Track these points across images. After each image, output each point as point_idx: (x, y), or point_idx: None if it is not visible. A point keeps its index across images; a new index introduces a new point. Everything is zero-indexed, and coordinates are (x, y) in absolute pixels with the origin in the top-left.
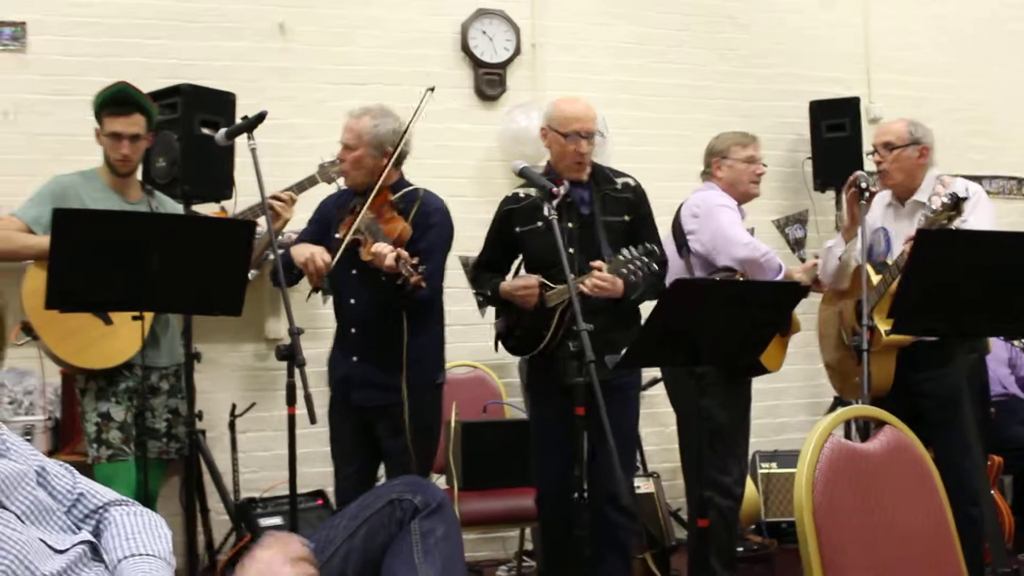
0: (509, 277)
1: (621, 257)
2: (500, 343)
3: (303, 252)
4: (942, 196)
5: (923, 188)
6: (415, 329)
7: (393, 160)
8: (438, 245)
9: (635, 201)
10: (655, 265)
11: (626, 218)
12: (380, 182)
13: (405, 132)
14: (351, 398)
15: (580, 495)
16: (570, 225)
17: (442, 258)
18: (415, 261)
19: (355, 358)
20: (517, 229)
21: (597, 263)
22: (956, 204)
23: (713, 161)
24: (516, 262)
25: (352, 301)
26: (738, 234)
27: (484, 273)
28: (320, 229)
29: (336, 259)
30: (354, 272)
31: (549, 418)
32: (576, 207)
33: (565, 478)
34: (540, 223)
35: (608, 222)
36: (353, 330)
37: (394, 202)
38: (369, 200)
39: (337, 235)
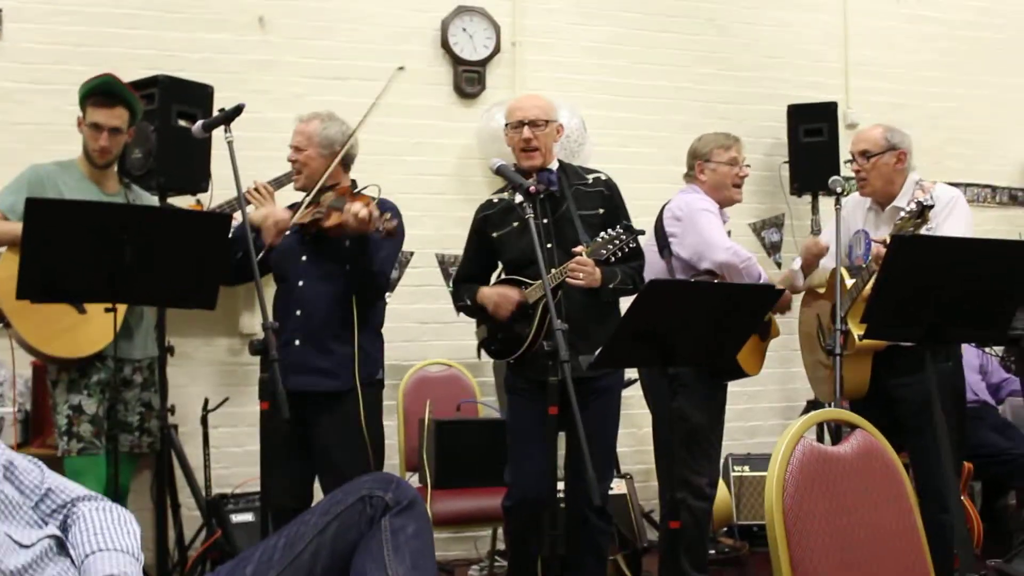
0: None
1: (599, 240)
2: (483, 350)
3: (260, 210)
4: (911, 203)
5: (903, 193)
6: (361, 322)
7: (339, 159)
8: (390, 241)
9: (608, 195)
10: (633, 242)
11: (600, 211)
12: (331, 168)
13: (363, 120)
14: (287, 382)
15: (557, 497)
16: (545, 221)
17: (395, 251)
18: (387, 215)
19: (297, 341)
20: (494, 234)
21: (578, 248)
22: (922, 212)
23: (696, 164)
24: (495, 273)
25: (300, 284)
26: (719, 239)
27: (463, 285)
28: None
29: (291, 225)
30: (304, 258)
31: (527, 419)
32: (549, 202)
33: (542, 480)
34: (515, 223)
35: (583, 216)
36: (299, 312)
37: (356, 193)
38: (320, 184)
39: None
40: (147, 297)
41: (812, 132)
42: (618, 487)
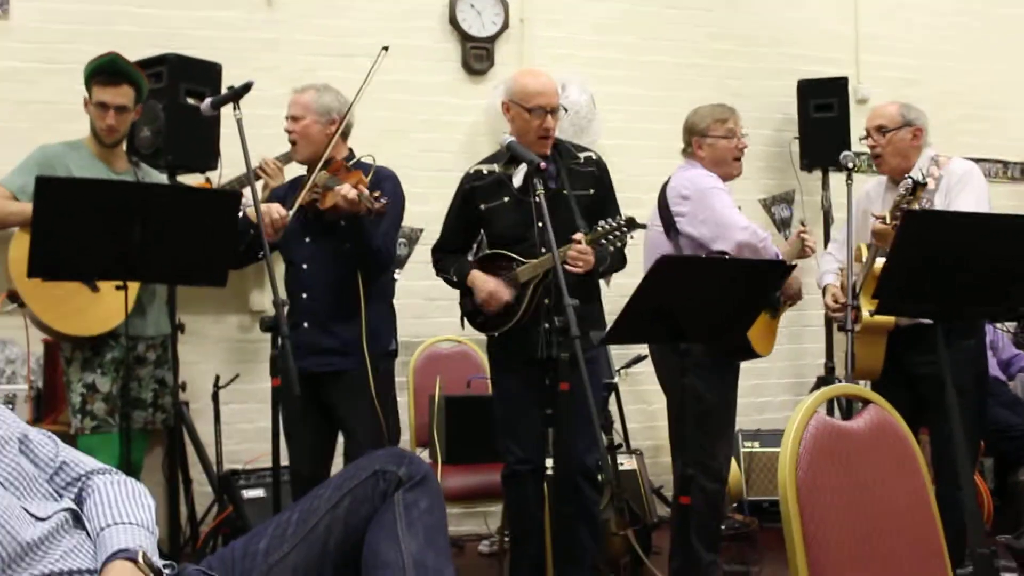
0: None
1: (599, 228)
2: (468, 321)
3: (255, 212)
4: (933, 177)
5: (917, 167)
6: (369, 298)
7: (340, 129)
8: (391, 211)
9: (599, 175)
10: (633, 234)
11: (591, 191)
12: (330, 147)
13: (357, 96)
14: (303, 364)
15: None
16: (536, 199)
17: (395, 223)
18: (377, 194)
19: (305, 324)
20: (482, 206)
21: (577, 235)
22: (915, 189)
23: (694, 140)
24: (478, 239)
25: (305, 267)
26: (736, 218)
27: (448, 256)
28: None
29: (291, 214)
30: (308, 240)
31: (515, 396)
32: (544, 181)
33: (536, 451)
34: (506, 198)
35: (575, 195)
36: (304, 295)
37: (348, 168)
38: (320, 166)
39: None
40: (158, 275)
41: (822, 107)
42: (628, 463)
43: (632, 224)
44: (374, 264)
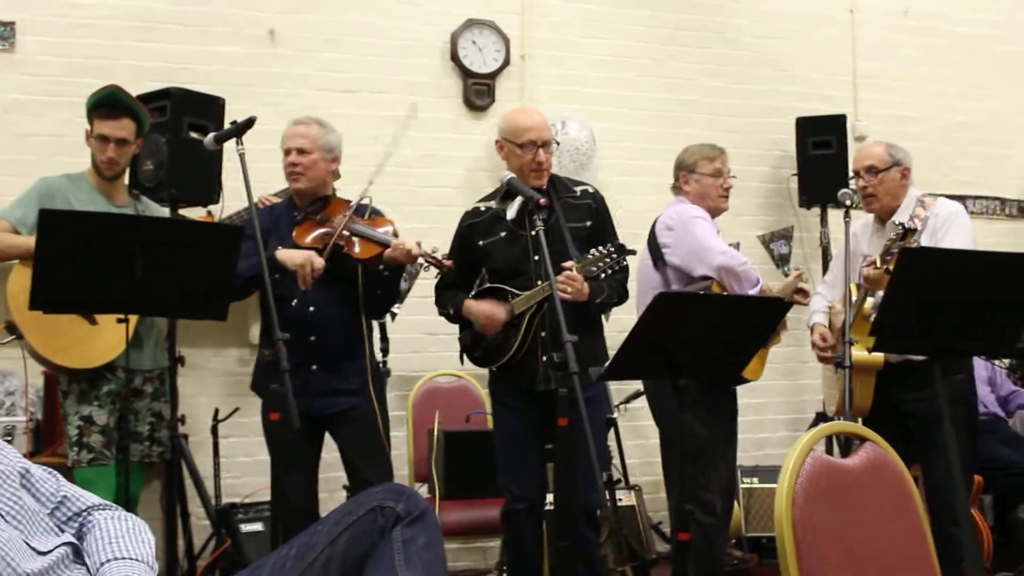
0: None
1: (590, 256)
2: (466, 356)
3: (296, 256)
4: (919, 218)
5: (903, 208)
6: (369, 334)
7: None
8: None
9: (595, 207)
10: (624, 260)
11: (587, 223)
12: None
13: (388, 156)
14: (312, 407)
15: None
16: (533, 233)
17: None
18: (435, 247)
19: (314, 367)
20: (480, 243)
21: (568, 263)
22: (905, 236)
23: (681, 175)
24: (480, 277)
25: (311, 309)
26: (715, 243)
27: (447, 291)
28: (253, 245)
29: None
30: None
31: (515, 430)
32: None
33: (535, 490)
34: (503, 233)
35: (571, 228)
36: (312, 338)
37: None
38: (348, 214)
39: (300, 244)
40: (158, 308)
41: (821, 144)
42: (627, 498)
43: (622, 251)
44: (390, 306)
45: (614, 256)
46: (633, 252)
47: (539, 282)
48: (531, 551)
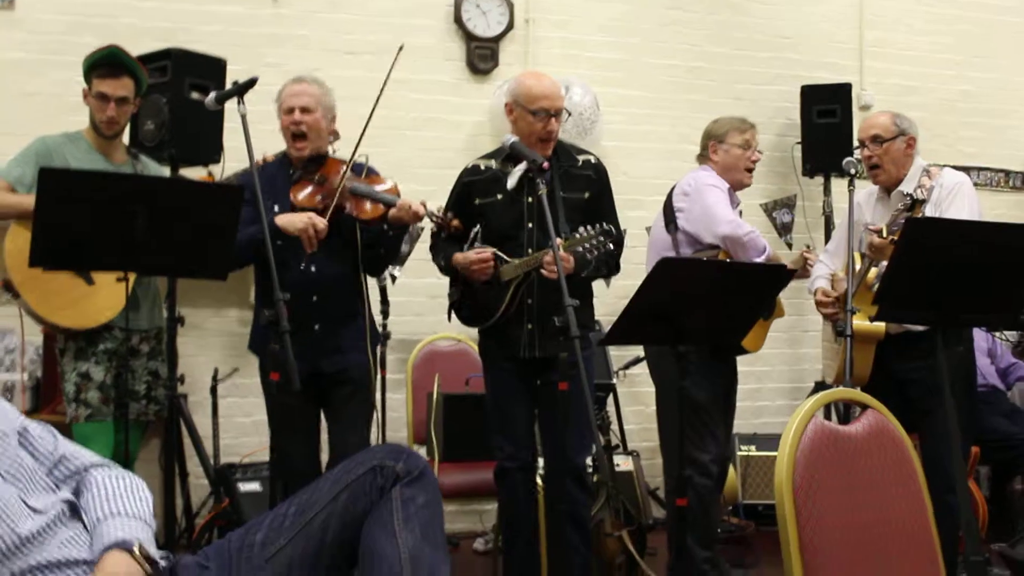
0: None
1: (578, 235)
2: (454, 313)
3: (295, 221)
4: (925, 188)
5: (909, 178)
6: (367, 292)
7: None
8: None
9: (595, 178)
10: (611, 245)
11: (585, 195)
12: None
13: (379, 96)
14: (320, 366)
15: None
16: (529, 200)
17: None
18: (439, 206)
19: (317, 326)
20: (477, 201)
21: (558, 241)
22: (912, 206)
23: (710, 144)
24: (474, 231)
25: (313, 269)
26: (722, 212)
27: (442, 243)
28: (252, 211)
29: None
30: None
31: (506, 391)
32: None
33: (525, 449)
34: (500, 195)
35: (567, 198)
36: (315, 298)
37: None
38: (345, 170)
39: (297, 204)
40: (159, 267)
41: (825, 113)
42: (624, 464)
43: (607, 234)
44: (387, 266)
45: (600, 239)
46: (619, 237)
47: (529, 250)
48: (524, 509)
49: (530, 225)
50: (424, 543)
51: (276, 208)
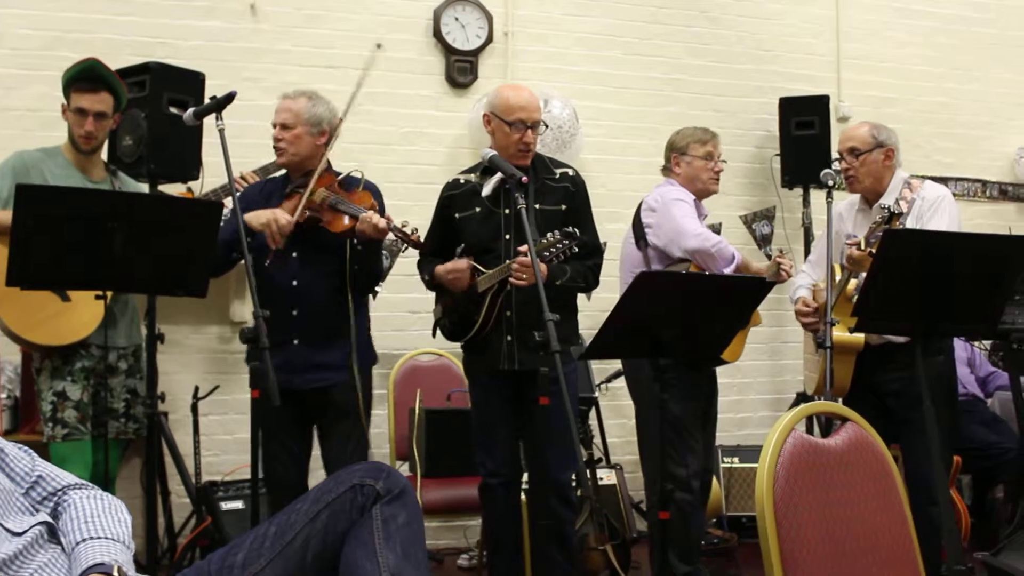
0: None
1: (544, 240)
2: (438, 329)
3: (260, 216)
4: (906, 200)
5: (890, 190)
6: (356, 310)
7: (331, 142)
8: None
9: (572, 191)
10: (575, 248)
11: (562, 207)
12: (322, 161)
13: (352, 98)
14: (292, 383)
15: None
16: (507, 212)
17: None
18: (405, 222)
19: (296, 341)
20: (456, 215)
21: (523, 247)
22: (890, 219)
23: (672, 157)
24: (460, 248)
25: (295, 283)
26: (689, 226)
27: (427, 259)
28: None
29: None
30: (294, 254)
31: (487, 407)
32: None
33: (509, 465)
34: (478, 208)
35: (543, 210)
36: (295, 312)
37: (342, 182)
38: (315, 179)
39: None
40: (137, 284)
41: (804, 125)
42: (607, 477)
43: (570, 236)
44: (373, 283)
45: (564, 242)
46: (597, 247)
47: (507, 261)
48: (508, 526)
49: (507, 237)
50: (406, 562)
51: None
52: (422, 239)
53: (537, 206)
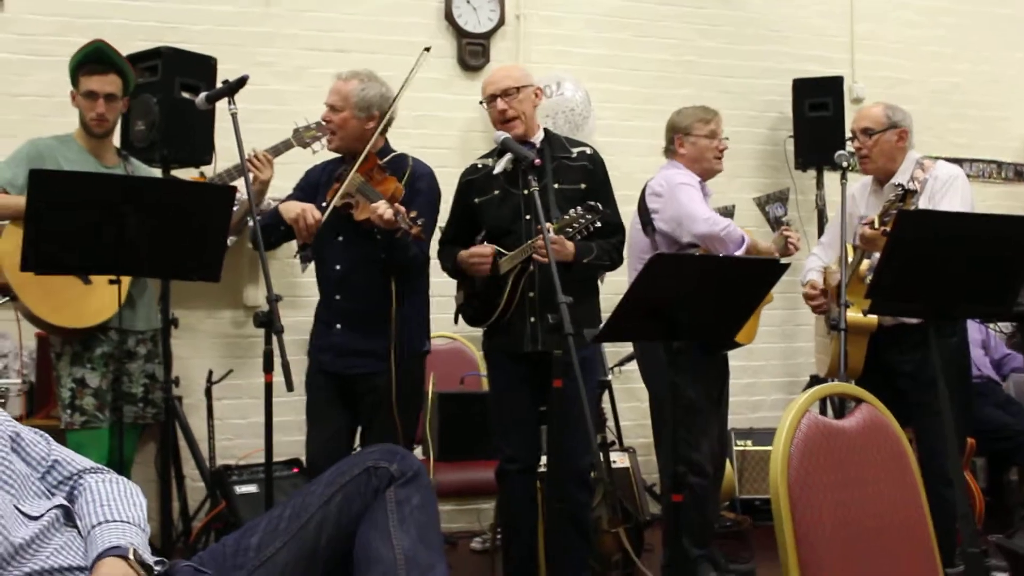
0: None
1: (567, 217)
2: (460, 315)
3: (292, 208)
4: (918, 180)
5: (902, 170)
6: (401, 297)
7: (381, 126)
8: (427, 209)
9: (592, 169)
10: (598, 222)
11: (582, 186)
12: (368, 146)
13: (397, 96)
14: (333, 366)
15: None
16: (524, 192)
17: (432, 222)
18: (413, 215)
19: (339, 326)
20: (476, 200)
21: (547, 225)
22: (904, 197)
23: (676, 138)
24: (481, 235)
25: (337, 267)
26: (697, 210)
27: (448, 247)
28: (306, 197)
29: (325, 218)
30: (340, 239)
31: (508, 388)
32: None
33: (527, 450)
34: (496, 192)
35: (562, 190)
36: (338, 297)
37: (383, 166)
38: (357, 164)
39: (324, 203)
40: (151, 269)
41: (817, 106)
42: (620, 460)
43: (594, 211)
44: (408, 271)
45: (586, 217)
46: (618, 224)
47: (527, 242)
48: (524, 511)
49: (527, 217)
50: (420, 544)
51: (324, 204)
52: (423, 235)
53: (556, 185)
